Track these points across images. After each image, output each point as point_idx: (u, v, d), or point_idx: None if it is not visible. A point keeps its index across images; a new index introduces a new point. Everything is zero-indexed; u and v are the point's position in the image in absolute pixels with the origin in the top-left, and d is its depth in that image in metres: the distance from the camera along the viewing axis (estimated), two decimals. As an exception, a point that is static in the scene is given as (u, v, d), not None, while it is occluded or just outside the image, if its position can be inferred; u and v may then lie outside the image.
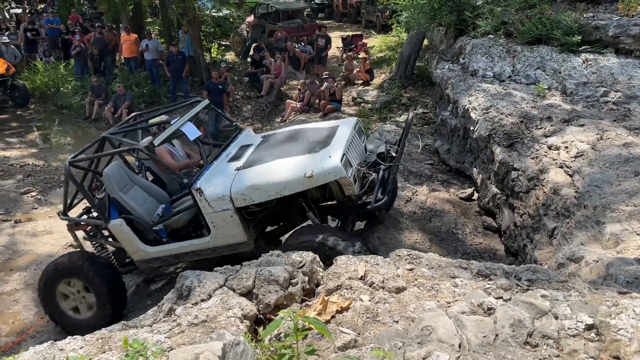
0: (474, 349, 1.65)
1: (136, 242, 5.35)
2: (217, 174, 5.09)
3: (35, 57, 15.29)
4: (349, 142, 5.19)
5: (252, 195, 4.81)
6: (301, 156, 5.00)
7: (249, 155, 5.40)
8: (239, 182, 4.89)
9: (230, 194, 4.83)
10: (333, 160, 4.75)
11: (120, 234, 5.36)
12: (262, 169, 4.97)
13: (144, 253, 5.41)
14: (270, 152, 5.30)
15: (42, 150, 11.37)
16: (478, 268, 2.58)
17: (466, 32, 9.58)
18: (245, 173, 5.00)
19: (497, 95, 7.06)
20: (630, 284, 2.91)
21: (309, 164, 4.81)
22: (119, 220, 5.29)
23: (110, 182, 5.33)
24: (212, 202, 4.88)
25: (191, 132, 5.52)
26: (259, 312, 2.43)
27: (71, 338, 2.14)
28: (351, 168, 4.94)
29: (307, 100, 12.03)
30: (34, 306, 6.02)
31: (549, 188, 5.10)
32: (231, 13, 17.11)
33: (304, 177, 4.69)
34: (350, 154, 5.09)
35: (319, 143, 5.20)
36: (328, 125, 5.82)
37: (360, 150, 5.53)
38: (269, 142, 5.73)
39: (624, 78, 6.70)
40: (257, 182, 4.82)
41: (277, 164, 4.98)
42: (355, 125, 5.71)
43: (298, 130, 5.91)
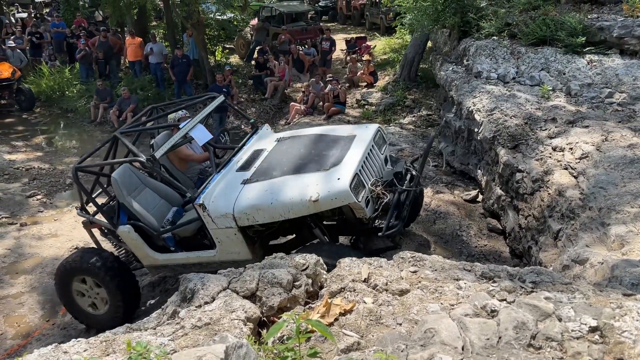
0: (477, 352, 1.65)
1: (145, 248, 5.26)
2: (223, 188, 4.85)
3: (40, 61, 15.40)
4: (364, 156, 4.83)
5: (255, 216, 4.57)
6: (310, 174, 4.67)
7: (259, 164, 5.10)
8: (243, 200, 4.62)
9: (233, 213, 4.60)
10: (342, 183, 4.39)
11: (129, 240, 5.30)
12: (268, 186, 4.67)
13: (153, 259, 5.33)
14: (280, 164, 5.00)
15: (48, 153, 11.43)
16: (482, 270, 2.57)
17: (470, 34, 9.56)
18: (250, 189, 4.72)
19: (501, 96, 7.04)
20: (636, 285, 2.89)
21: (316, 184, 4.48)
22: (127, 226, 5.21)
23: (118, 187, 5.21)
24: (216, 219, 4.68)
25: (201, 136, 5.29)
26: (263, 314, 2.43)
27: (75, 341, 2.15)
28: (364, 189, 4.60)
29: (311, 103, 12.04)
30: (40, 309, 6.04)
31: (554, 190, 5.08)
32: (235, 16, 17.16)
33: (309, 201, 4.37)
34: (365, 172, 4.74)
35: (331, 157, 4.86)
36: (346, 133, 5.39)
37: (378, 164, 5.15)
38: (282, 148, 5.40)
39: (628, 79, 6.67)
40: (261, 202, 4.55)
41: (284, 181, 4.67)
42: (376, 133, 5.31)
43: (313, 137, 5.51)
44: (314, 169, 4.75)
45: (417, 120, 10.79)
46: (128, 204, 5.22)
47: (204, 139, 5.35)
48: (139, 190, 5.49)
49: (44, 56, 15.65)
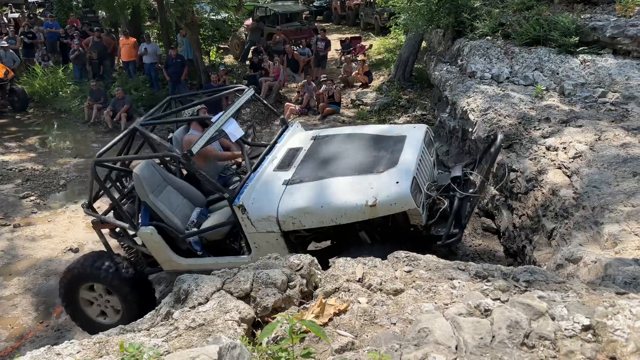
0: (471, 351, 1.65)
1: (168, 252, 4.87)
2: (262, 188, 4.47)
3: (33, 62, 15.33)
4: (418, 158, 4.44)
5: (302, 220, 4.19)
6: (362, 176, 4.28)
7: (299, 163, 4.73)
8: (288, 202, 4.25)
9: (277, 216, 4.22)
10: (401, 187, 4.03)
11: (150, 243, 4.89)
12: (316, 188, 4.28)
13: (175, 264, 4.93)
14: (324, 164, 4.61)
15: (41, 154, 11.37)
16: (476, 269, 2.58)
17: (464, 34, 9.60)
18: (295, 190, 4.34)
19: (495, 96, 7.07)
20: (628, 284, 2.90)
21: (371, 188, 4.11)
22: (149, 228, 4.80)
23: (140, 184, 4.77)
24: (256, 222, 4.30)
25: (234, 132, 4.92)
26: (257, 315, 2.42)
27: (68, 342, 2.14)
28: (421, 194, 4.22)
29: (306, 103, 12.04)
30: (33, 311, 6.01)
31: (548, 189, 5.10)
32: (230, 16, 17.14)
33: (365, 206, 4.00)
34: (420, 174, 4.37)
35: (382, 158, 4.46)
36: (394, 133, 4.99)
37: (430, 167, 4.77)
38: (322, 147, 5.00)
39: (621, 79, 6.71)
40: (310, 205, 4.17)
41: (334, 183, 4.28)
42: (425, 135, 4.93)
43: (357, 136, 5.09)
44: (366, 170, 4.37)
45: (412, 120, 10.80)
46: (151, 203, 4.81)
47: (237, 135, 4.97)
48: (160, 189, 5.09)
49: (37, 56, 15.58)
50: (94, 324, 5.24)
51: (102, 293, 5.15)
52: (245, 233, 4.42)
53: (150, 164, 5.13)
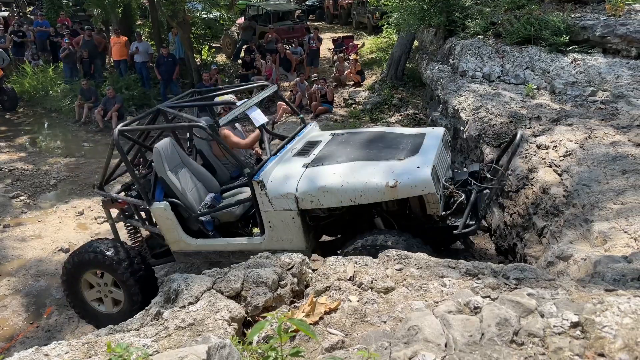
0: (460, 349, 1.65)
1: (179, 230, 4.88)
2: (282, 168, 4.58)
3: (23, 60, 15.20)
4: (438, 152, 4.56)
5: (321, 198, 4.26)
6: (383, 162, 4.39)
7: (319, 152, 4.84)
8: (308, 181, 4.34)
9: (296, 193, 4.30)
10: (423, 171, 4.14)
11: (162, 219, 4.88)
12: (336, 170, 4.39)
13: (184, 244, 4.93)
14: (344, 152, 4.72)
15: (31, 154, 11.28)
16: (466, 267, 2.59)
17: (456, 33, 9.63)
18: (315, 171, 4.45)
19: (486, 95, 7.09)
20: (617, 281, 2.92)
21: (392, 171, 4.21)
22: (163, 203, 4.81)
23: (160, 159, 4.84)
24: (274, 199, 4.36)
25: (258, 118, 5.05)
26: (248, 314, 2.42)
27: (56, 343, 2.12)
28: (439, 184, 4.32)
29: (299, 102, 12.03)
30: (24, 312, 5.96)
31: (538, 187, 5.12)
32: (222, 15, 17.09)
33: (385, 187, 4.10)
34: (439, 168, 4.46)
35: (404, 149, 4.58)
36: (413, 132, 5.17)
37: (447, 166, 4.87)
38: (341, 141, 5.12)
39: (611, 77, 6.75)
40: (330, 184, 4.26)
41: (354, 166, 4.40)
42: (443, 136, 5.04)
43: (377, 133, 5.24)
44: (387, 157, 4.47)
45: (404, 119, 10.83)
46: (168, 179, 4.86)
47: (261, 120, 5.11)
48: (177, 169, 5.11)
49: (27, 55, 15.45)
50: (86, 308, 5.24)
51: (108, 282, 5.10)
52: (261, 211, 4.47)
53: (171, 144, 5.18)
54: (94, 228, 7.63)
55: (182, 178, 5.08)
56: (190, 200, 4.95)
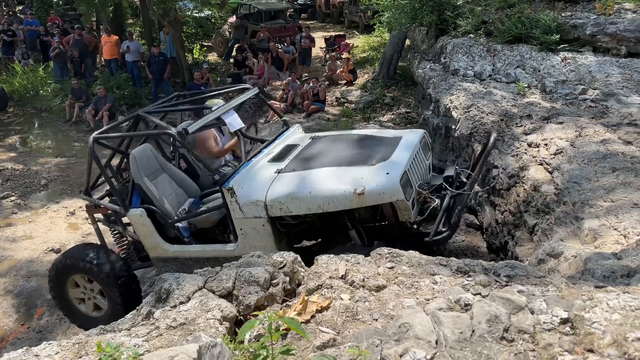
0: (451, 345, 1.66)
1: (155, 236, 4.88)
2: (254, 174, 4.55)
3: (13, 60, 15.07)
4: (412, 157, 4.49)
5: (289, 206, 4.20)
6: (354, 167, 4.34)
7: (294, 156, 4.80)
8: (277, 188, 4.29)
9: (265, 200, 4.24)
10: (391, 178, 4.07)
11: (139, 226, 4.90)
12: (306, 176, 4.34)
13: (162, 250, 4.93)
14: (318, 157, 4.68)
15: (22, 154, 11.20)
16: (457, 265, 2.59)
17: (447, 32, 9.66)
18: (286, 177, 4.40)
19: (477, 94, 7.12)
20: (607, 278, 2.94)
21: (361, 178, 4.14)
22: (139, 210, 4.83)
23: (136, 165, 4.85)
24: (244, 206, 4.31)
25: (234, 123, 4.97)
26: (239, 313, 2.41)
27: (47, 343, 2.11)
28: (411, 189, 4.26)
29: (291, 101, 12.02)
30: (14, 312, 5.92)
31: (529, 185, 5.15)
32: (213, 14, 17.04)
33: (353, 194, 4.03)
34: (412, 173, 4.41)
35: (376, 154, 4.51)
36: (390, 135, 5.10)
37: (423, 169, 4.81)
38: (319, 144, 5.07)
39: (601, 76, 6.80)
40: (298, 190, 4.20)
41: (324, 172, 4.34)
42: (422, 138, 4.98)
43: (354, 136, 5.21)
44: (358, 163, 4.40)
45: (396, 118, 10.86)
46: (144, 185, 4.84)
47: (237, 126, 5.04)
48: (156, 175, 5.10)
49: (17, 54, 15.32)
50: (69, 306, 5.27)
51: (94, 289, 5.10)
52: (233, 218, 4.43)
53: (149, 149, 5.16)
54: (86, 228, 7.58)
55: (160, 184, 5.06)
56: (167, 207, 4.91)
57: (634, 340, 1.55)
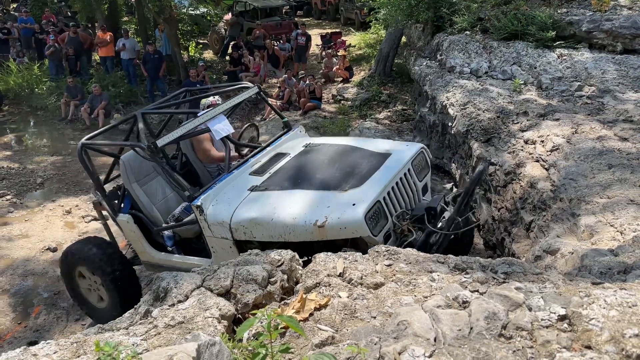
0: (449, 343, 1.66)
1: (143, 242, 4.88)
2: (228, 190, 4.31)
3: (7, 58, 14.99)
4: (393, 182, 4.12)
5: (253, 231, 3.96)
6: (325, 192, 4.01)
7: (275, 171, 4.53)
8: (244, 210, 4.04)
9: (229, 222, 4.03)
10: (356, 211, 3.71)
11: (127, 232, 4.92)
12: (275, 199, 4.06)
13: (149, 256, 4.94)
14: (297, 174, 4.40)
15: (17, 152, 11.15)
16: (455, 262, 2.60)
17: (443, 29, 9.66)
18: (255, 198, 4.15)
19: (474, 91, 7.13)
20: (604, 274, 2.96)
21: (327, 207, 3.81)
22: (126, 216, 4.82)
23: (125, 171, 4.81)
24: (212, 225, 4.13)
25: (219, 129, 4.69)
26: (238, 311, 2.41)
27: (45, 343, 2.10)
28: (385, 221, 3.91)
29: (287, 98, 12.00)
30: (11, 312, 5.90)
31: (526, 182, 5.17)
32: (209, 11, 16.99)
33: (313, 226, 3.71)
34: (391, 201, 4.06)
35: (354, 176, 4.17)
36: (382, 149, 4.68)
37: (412, 193, 4.40)
38: (307, 156, 4.77)
39: (597, 72, 6.82)
40: (262, 215, 3.93)
41: (294, 196, 4.05)
42: (415, 155, 4.55)
43: (343, 149, 4.80)
44: (331, 186, 4.08)
45: (393, 115, 10.86)
46: (132, 191, 4.81)
47: (223, 132, 4.73)
48: (149, 178, 5.05)
49: (12, 53, 15.24)
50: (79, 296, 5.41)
51: (97, 280, 5.18)
52: (204, 235, 4.29)
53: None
54: (82, 227, 7.56)
55: (151, 189, 5.01)
56: (155, 214, 4.84)
57: (631, 337, 1.56)
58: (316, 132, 10.29)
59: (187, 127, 4.62)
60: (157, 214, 4.88)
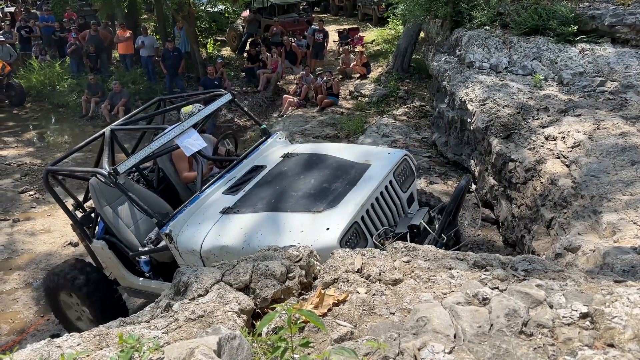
0: (469, 339, 1.66)
1: (120, 268, 4.64)
2: (199, 215, 4.06)
3: (30, 56, 15.26)
4: (373, 197, 3.90)
5: (224, 259, 3.66)
6: (298, 215, 3.79)
7: (250, 188, 4.29)
8: (214, 236, 3.82)
9: (200, 251, 3.80)
10: (330, 236, 3.51)
11: (103, 257, 4.67)
12: (245, 223, 3.83)
13: (129, 282, 4.71)
14: (271, 192, 4.15)
15: (39, 149, 11.37)
16: (474, 259, 2.58)
17: (462, 24, 9.56)
18: (227, 222, 3.91)
19: (493, 86, 7.05)
20: (627, 272, 2.91)
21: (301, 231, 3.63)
22: (100, 242, 4.58)
23: (95, 194, 4.54)
24: (183, 253, 3.90)
25: (189, 145, 4.42)
26: (256, 306, 2.43)
27: (68, 335, 2.14)
28: (365, 242, 3.71)
29: (304, 95, 12.02)
30: (34, 305, 6.03)
31: (546, 179, 5.10)
32: (227, 8, 17.06)
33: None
34: (372, 217, 3.86)
35: (330, 194, 3.94)
36: (362, 159, 4.40)
37: (395, 206, 4.19)
38: (284, 169, 4.54)
39: (620, 67, 6.69)
40: (232, 243, 3.73)
41: (265, 219, 3.83)
42: (398, 164, 4.29)
43: (322, 159, 4.55)
44: (305, 208, 3.86)
45: (411, 111, 10.80)
46: (104, 215, 4.54)
47: (194, 148, 4.46)
48: (121, 201, 4.73)
49: (34, 50, 15.51)
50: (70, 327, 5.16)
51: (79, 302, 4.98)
52: (178, 262, 4.04)
53: None
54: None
55: (124, 211, 4.72)
56: (129, 237, 4.56)
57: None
58: (333, 129, 10.29)
59: (153, 146, 4.32)
60: (132, 238, 4.59)
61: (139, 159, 4.26)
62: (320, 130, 10.26)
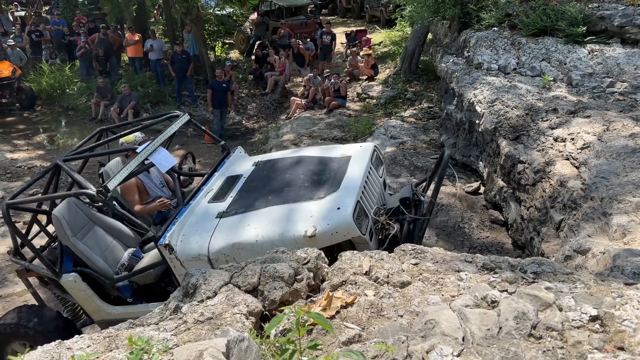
0: (478, 342, 1.65)
1: (95, 300, 4.42)
2: (193, 223, 4.07)
3: (40, 59, 15.40)
4: (364, 181, 4.11)
5: (236, 257, 3.71)
6: (302, 203, 3.93)
7: (236, 193, 4.36)
8: (221, 237, 3.85)
9: (208, 254, 3.81)
10: (343, 214, 3.66)
11: (75, 292, 4.40)
12: (251, 219, 3.90)
13: (105, 314, 4.47)
14: (263, 192, 4.25)
15: (49, 151, 11.46)
16: (483, 261, 2.57)
17: (470, 25, 9.54)
18: (229, 223, 3.96)
19: (502, 88, 7.02)
20: (637, 275, 2.89)
21: (310, 216, 3.74)
22: (72, 275, 4.34)
23: (61, 227, 4.30)
24: (186, 262, 3.86)
25: (164, 162, 4.48)
26: (265, 308, 2.44)
27: (79, 337, 2.16)
28: (367, 219, 3.88)
29: (312, 97, 12.04)
30: (45, 306, 6.06)
31: (556, 180, 5.07)
32: (234, 11, 17.13)
33: (304, 237, 3.61)
34: (366, 199, 4.03)
35: (325, 183, 4.13)
36: (338, 154, 4.66)
37: (378, 189, 4.43)
38: (263, 173, 4.65)
39: (630, 68, 6.64)
40: (244, 239, 3.76)
41: (270, 213, 3.91)
42: (372, 154, 4.57)
43: (299, 160, 4.74)
44: (306, 197, 4.00)
45: (419, 113, 10.78)
46: (73, 246, 4.33)
47: (167, 164, 4.51)
48: (86, 230, 4.58)
49: (44, 54, 15.65)
50: None
51: None
52: (176, 275, 3.97)
53: (73, 203, 4.58)
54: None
55: (92, 240, 4.57)
56: (102, 266, 4.42)
57: (666, 339, 1.53)
58: (341, 131, 10.29)
59: (132, 164, 4.26)
60: (104, 266, 4.45)
61: (125, 175, 4.18)
62: (328, 132, 10.27)
